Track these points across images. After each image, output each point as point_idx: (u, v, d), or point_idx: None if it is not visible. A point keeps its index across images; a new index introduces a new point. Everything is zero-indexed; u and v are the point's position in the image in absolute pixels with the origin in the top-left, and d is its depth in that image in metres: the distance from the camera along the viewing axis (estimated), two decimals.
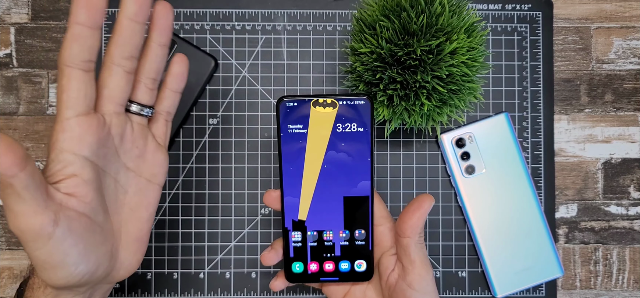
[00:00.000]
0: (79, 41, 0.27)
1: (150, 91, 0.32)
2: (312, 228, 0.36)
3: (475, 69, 0.37)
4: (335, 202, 0.35)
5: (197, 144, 0.45)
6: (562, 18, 0.46)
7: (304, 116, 0.34)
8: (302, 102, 0.33)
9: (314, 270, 0.37)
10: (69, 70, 0.28)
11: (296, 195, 0.35)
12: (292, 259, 0.37)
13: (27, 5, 0.45)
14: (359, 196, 0.35)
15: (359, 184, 0.35)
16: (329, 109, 0.34)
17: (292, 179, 0.35)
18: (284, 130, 0.34)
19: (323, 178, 0.35)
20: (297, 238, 0.36)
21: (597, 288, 0.45)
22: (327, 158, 0.34)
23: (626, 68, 0.46)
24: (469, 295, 0.45)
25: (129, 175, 0.32)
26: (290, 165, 0.35)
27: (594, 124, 0.46)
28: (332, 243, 0.36)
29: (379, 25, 0.36)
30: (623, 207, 0.46)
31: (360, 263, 0.37)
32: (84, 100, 0.28)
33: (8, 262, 0.44)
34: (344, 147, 0.34)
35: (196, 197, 0.44)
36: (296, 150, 0.34)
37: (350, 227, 0.36)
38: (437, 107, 0.37)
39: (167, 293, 0.44)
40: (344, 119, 0.34)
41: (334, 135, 0.34)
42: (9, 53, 0.45)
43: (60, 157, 0.28)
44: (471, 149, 0.44)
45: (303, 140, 0.34)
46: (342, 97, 0.34)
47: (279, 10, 0.45)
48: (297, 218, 0.36)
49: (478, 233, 0.44)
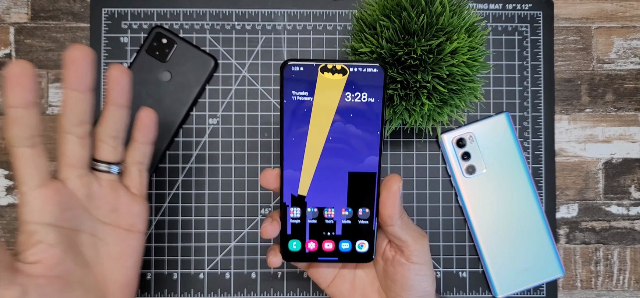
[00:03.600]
0: (18, 123, 0.29)
1: (113, 149, 0.34)
2: (312, 205, 0.34)
3: (476, 69, 0.37)
4: (339, 177, 0.33)
5: (197, 144, 0.45)
6: (563, 18, 0.46)
7: (311, 82, 0.31)
8: (309, 66, 0.31)
9: (312, 249, 0.34)
10: (15, 150, 0.30)
11: (297, 169, 0.33)
12: (289, 236, 0.34)
13: (27, 5, 0.45)
14: (365, 172, 0.33)
15: (366, 160, 0.32)
16: (338, 75, 0.31)
17: (294, 151, 0.32)
18: (287, 97, 0.31)
19: (327, 151, 0.32)
20: (296, 215, 0.34)
21: (597, 289, 0.45)
22: (333, 130, 0.32)
23: (627, 68, 0.46)
24: (470, 296, 0.45)
25: (105, 228, 0.34)
26: (292, 135, 0.32)
27: (594, 124, 0.46)
28: (333, 222, 0.34)
29: (379, 24, 0.36)
30: (624, 207, 0.45)
31: (362, 244, 0.34)
32: (37, 173, 0.30)
33: None
34: (352, 118, 0.32)
35: (196, 197, 0.44)
36: (299, 119, 0.32)
37: (354, 205, 0.34)
38: (437, 107, 0.37)
39: (167, 293, 0.44)
40: (354, 88, 0.31)
41: (342, 104, 0.31)
42: (9, 53, 0.45)
43: (24, 228, 0.30)
44: (472, 149, 0.44)
45: (308, 109, 0.31)
46: (354, 64, 0.31)
47: (279, 10, 0.45)
48: (297, 193, 0.33)
49: (479, 233, 0.44)
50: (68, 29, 0.45)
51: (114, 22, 0.45)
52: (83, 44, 0.32)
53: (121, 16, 0.45)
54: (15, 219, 0.44)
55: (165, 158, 0.44)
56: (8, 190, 0.44)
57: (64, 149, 0.32)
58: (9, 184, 0.44)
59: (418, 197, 0.45)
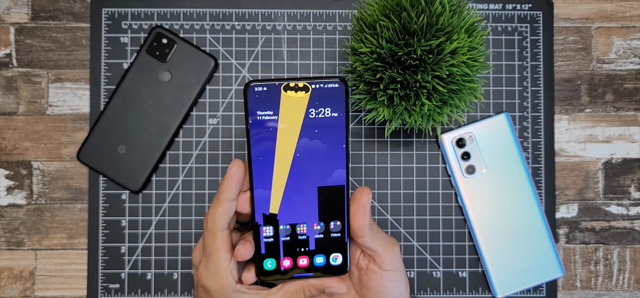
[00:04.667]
0: (224, 211, 0.33)
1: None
2: (284, 222, 0.34)
3: (476, 69, 0.37)
4: (309, 192, 0.33)
5: (197, 144, 0.45)
6: (563, 18, 0.46)
7: (274, 101, 0.32)
8: (271, 86, 0.32)
9: (287, 266, 0.35)
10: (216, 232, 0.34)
11: (267, 187, 0.33)
12: (263, 256, 0.34)
13: (27, 5, 0.45)
14: (334, 185, 0.33)
15: (334, 173, 0.33)
16: (301, 93, 0.32)
17: (263, 170, 0.33)
18: (252, 117, 0.32)
19: (295, 168, 0.33)
20: (269, 234, 0.34)
21: (597, 289, 0.45)
22: (300, 146, 0.33)
23: (627, 68, 0.46)
24: (470, 296, 0.45)
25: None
26: (260, 154, 0.32)
27: (594, 124, 0.46)
28: (306, 237, 0.34)
29: (379, 25, 0.36)
30: (624, 207, 0.46)
31: (336, 257, 0.35)
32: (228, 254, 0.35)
33: (8, 262, 0.44)
34: (317, 133, 0.32)
35: (196, 197, 0.44)
36: (266, 139, 0.32)
37: (325, 219, 0.34)
38: (437, 107, 0.37)
39: (167, 293, 0.44)
40: (317, 104, 0.32)
41: (307, 121, 0.32)
42: (9, 53, 0.45)
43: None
44: (471, 149, 0.44)
45: (273, 128, 0.32)
46: (315, 80, 0.32)
47: (279, 10, 0.45)
48: (269, 211, 0.34)
49: (478, 233, 0.44)
50: (68, 29, 0.45)
51: (114, 22, 0.45)
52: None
53: (121, 16, 0.45)
54: (15, 219, 0.44)
55: (165, 158, 0.44)
56: (8, 190, 0.44)
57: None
58: (9, 184, 0.44)
59: (418, 197, 0.45)
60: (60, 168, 0.44)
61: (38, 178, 0.44)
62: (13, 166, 0.44)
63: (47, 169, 0.44)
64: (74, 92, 0.45)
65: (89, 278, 0.44)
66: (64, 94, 0.45)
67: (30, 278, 0.44)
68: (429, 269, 0.45)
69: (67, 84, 0.45)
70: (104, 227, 0.44)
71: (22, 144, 0.44)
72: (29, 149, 0.44)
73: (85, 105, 0.45)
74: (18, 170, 0.44)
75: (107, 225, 0.44)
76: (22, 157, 0.44)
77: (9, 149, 0.44)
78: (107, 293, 0.44)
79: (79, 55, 0.45)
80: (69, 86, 0.45)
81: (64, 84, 0.45)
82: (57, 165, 0.44)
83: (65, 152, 0.45)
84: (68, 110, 0.45)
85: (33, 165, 0.44)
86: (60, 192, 0.44)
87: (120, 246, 0.44)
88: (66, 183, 0.44)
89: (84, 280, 0.44)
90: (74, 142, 0.45)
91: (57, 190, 0.44)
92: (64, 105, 0.45)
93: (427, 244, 0.45)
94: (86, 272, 0.44)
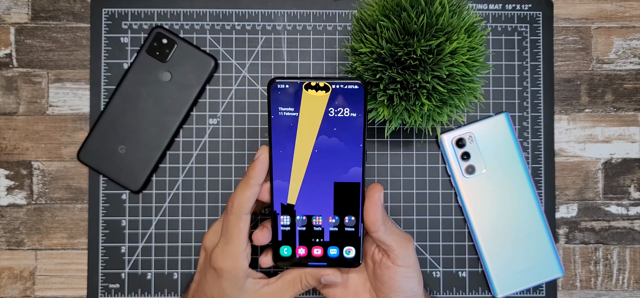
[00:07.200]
0: (250, 194, 0.34)
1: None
2: (301, 213, 0.36)
3: (476, 69, 0.37)
4: (326, 187, 0.35)
5: (197, 144, 0.45)
6: (563, 18, 0.46)
7: (296, 99, 0.33)
8: (294, 84, 0.33)
9: (302, 254, 0.37)
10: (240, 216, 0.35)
11: (286, 179, 0.35)
12: (280, 243, 0.36)
13: (27, 5, 0.45)
14: (349, 182, 0.35)
15: (350, 170, 0.35)
16: (321, 92, 0.33)
17: (282, 163, 0.34)
18: (274, 112, 0.33)
19: (313, 162, 0.34)
20: (286, 222, 0.36)
21: (597, 289, 0.45)
22: (318, 143, 0.34)
23: (626, 68, 0.46)
24: (470, 295, 0.45)
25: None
26: (280, 148, 0.34)
27: (594, 124, 0.46)
28: (321, 229, 0.36)
29: (379, 25, 0.36)
30: (623, 207, 0.46)
31: (349, 250, 0.36)
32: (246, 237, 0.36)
33: (8, 262, 0.44)
34: (336, 131, 0.34)
35: (196, 197, 0.44)
36: (287, 133, 0.34)
37: (340, 213, 0.36)
38: (437, 107, 0.37)
39: (167, 293, 0.44)
40: (337, 104, 0.33)
41: (326, 119, 0.34)
42: (9, 53, 0.45)
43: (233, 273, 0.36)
44: (471, 149, 0.44)
45: (294, 124, 0.34)
46: (336, 81, 0.33)
47: (279, 10, 0.45)
48: (286, 202, 0.35)
49: (478, 233, 0.44)
50: (68, 29, 0.45)
51: (114, 22, 0.45)
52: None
53: (121, 16, 0.45)
54: (15, 219, 0.44)
55: (165, 158, 0.44)
56: (8, 190, 0.44)
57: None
58: (9, 184, 0.44)
59: (418, 197, 0.45)
60: (61, 168, 0.45)
61: (38, 179, 0.44)
62: (13, 166, 0.44)
63: (47, 169, 0.44)
64: (74, 92, 0.45)
65: (89, 278, 0.44)
66: (64, 94, 0.45)
67: (31, 278, 0.44)
68: (429, 269, 0.45)
69: (67, 84, 0.45)
70: (104, 227, 0.44)
71: (22, 144, 0.44)
72: (29, 149, 0.44)
73: (85, 105, 0.45)
74: (18, 170, 0.44)
75: (107, 225, 0.44)
76: (22, 157, 0.44)
77: (9, 148, 0.44)
78: (107, 293, 0.44)
79: (79, 55, 0.45)
80: (69, 86, 0.45)
81: (64, 84, 0.45)
82: (57, 165, 0.45)
83: (66, 152, 0.45)
84: (68, 110, 0.45)
85: (33, 165, 0.44)
86: (61, 192, 0.44)
87: (120, 246, 0.44)
88: (66, 183, 0.44)
89: (84, 280, 0.44)
90: (74, 142, 0.45)
91: (57, 190, 0.44)
92: (64, 105, 0.45)
93: (427, 244, 0.45)
94: (86, 272, 0.44)
